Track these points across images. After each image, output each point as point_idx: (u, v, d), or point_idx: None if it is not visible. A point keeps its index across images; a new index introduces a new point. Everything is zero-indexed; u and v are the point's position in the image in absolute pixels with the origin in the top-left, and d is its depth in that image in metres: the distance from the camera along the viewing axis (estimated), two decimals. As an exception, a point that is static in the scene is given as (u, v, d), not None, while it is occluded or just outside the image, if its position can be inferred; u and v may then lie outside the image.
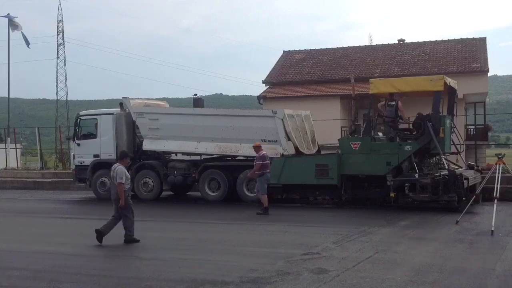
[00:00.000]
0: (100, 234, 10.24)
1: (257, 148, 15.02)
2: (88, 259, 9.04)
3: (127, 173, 10.49)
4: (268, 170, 14.92)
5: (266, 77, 30.08)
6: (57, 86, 61.97)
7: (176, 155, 19.15)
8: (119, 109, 19.09)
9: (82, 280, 7.50)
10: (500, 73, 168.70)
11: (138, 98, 19.51)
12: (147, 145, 18.50)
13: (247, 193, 17.08)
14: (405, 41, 32.32)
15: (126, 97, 18.83)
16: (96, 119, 19.39)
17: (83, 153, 19.25)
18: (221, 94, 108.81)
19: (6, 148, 29.68)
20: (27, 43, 36.77)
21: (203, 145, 17.67)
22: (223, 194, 17.34)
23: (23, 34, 36.34)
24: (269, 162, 15.03)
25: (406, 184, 14.55)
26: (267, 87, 29.68)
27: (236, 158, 18.32)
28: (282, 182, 16.44)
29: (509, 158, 19.63)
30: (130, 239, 10.28)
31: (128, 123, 18.90)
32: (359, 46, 32.60)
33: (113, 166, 10.67)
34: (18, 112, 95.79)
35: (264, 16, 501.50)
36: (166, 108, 19.82)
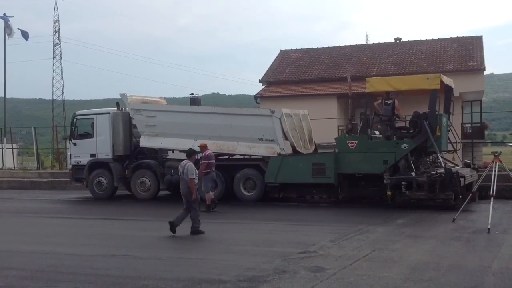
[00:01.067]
0: (172, 226, 11.02)
1: (203, 148, 15.48)
2: (85, 259, 9.02)
3: (195, 169, 11.27)
4: (213, 169, 15.36)
5: (263, 76, 30.06)
6: (53, 86, 61.90)
7: (173, 152, 19.08)
8: (116, 108, 19.06)
9: (79, 279, 7.49)
10: (496, 71, 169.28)
11: (136, 95, 19.44)
12: (144, 142, 18.47)
13: (244, 192, 17.08)
14: (401, 40, 32.35)
15: (124, 94, 18.75)
16: (92, 118, 19.34)
17: (79, 153, 19.20)
18: (218, 93, 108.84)
19: (2, 148, 29.57)
20: (26, 37, 36.64)
21: (200, 143, 17.63)
22: (220, 193, 17.29)
23: (20, 29, 36.28)
24: (214, 161, 15.47)
25: (403, 183, 14.58)
26: (264, 86, 29.66)
27: (233, 157, 18.31)
28: (279, 181, 16.47)
29: (505, 156, 19.69)
30: (196, 231, 11.08)
31: (125, 123, 18.87)
32: (356, 45, 32.62)
33: (182, 162, 11.49)
34: (14, 112, 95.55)
35: (261, 16, 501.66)
36: (163, 105, 19.74)
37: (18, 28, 35.94)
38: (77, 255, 9.34)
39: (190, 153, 11.77)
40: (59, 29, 61.66)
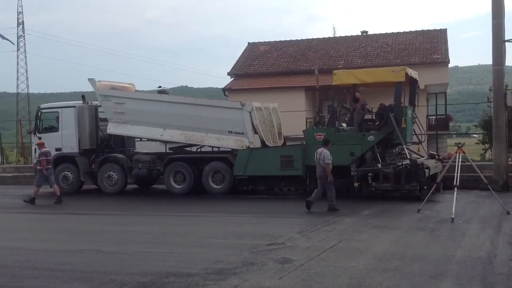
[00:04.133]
0: (308, 204, 12.95)
1: (40, 145, 16.30)
2: (50, 254, 8.90)
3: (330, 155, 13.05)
4: (51, 166, 16.30)
5: (231, 69, 30.05)
6: (17, 79, 60.68)
7: (141, 139, 18.80)
8: (81, 101, 18.75)
9: (44, 275, 7.38)
10: (461, 64, 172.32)
11: (104, 80, 19.05)
12: (112, 129, 18.21)
13: (212, 185, 17.03)
14: (368, 33, 32.71)
15: (92, 79, 18.35)
16: (57, 112, 18.99)
17: (44, 147, 18.84)
18: (186, 86, 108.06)
19: (-36, 143, 28.88)
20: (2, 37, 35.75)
21: (168, 132, 17.51)
22: (188, 186, 17.26)
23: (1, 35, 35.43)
24: (51, 158, 16.43)
25: (369, 174, 14.76)
26: (232, 79, 29.65)
27: (201, 150, 18.26)
28: (248, 174, 16.49)
29: (469, 147, 20.16)
30: (332, 208, 12.81)
31: (91, 116, 18.58)
32: (323, 38, 32.87)
33: (318, 150, 13.28)
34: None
35: (230, 9, 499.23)
36: (132, 93, 19.34)
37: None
38: (43, 250, 9.20)
39: (326, 141, 13.60)
40: (23, 21, 60.52)
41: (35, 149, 19.41)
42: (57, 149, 18.55)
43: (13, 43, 35.47)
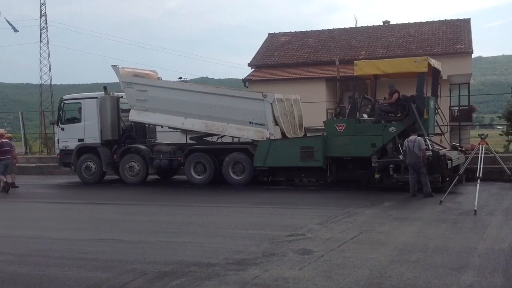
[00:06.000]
0: (415, 195, 13.43)
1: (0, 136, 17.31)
2: (72, 243, 9.02)
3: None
4: (9, 156, 17.17)
5: (252, 60, 29.96)
6: (40, 71, 61.21)
7: (162, 127, 18.90)
8: (103, 92, 18.91)
9: (67, 263, 7.49)
10: (484, 54, 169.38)
11: (128, 67, 19.13)
12: (134, 116, 18.31)
13: (233, 176, 17.07)
14: (390, 23, 32.32)
15: (115, 65, 18.48)
16: (80, 103, 19.21)
17: (67, 138, 19.09)
18: (207, 77, 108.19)
19: (-11, 134, 29.30)
20: (14, 29, 35.95)
21: (190, 121, 17.56)
22: (208, 177, 17.32)
23: (7, 20, 35.68)
24: (8, 149, 17.22)
25: (391, 166, 14.66)
26: (253, 70, 29.58)
27: (222, 141, 18.29)
28: (268, 165, 16.50)
29: (493, 139, 19.85)
30: (429, 194, 13.28)
31: (113, 107, 18.73)
32: (345, 28, 32.56)
33: (410, 138, 13.65)
34: (1, 97, 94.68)
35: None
36: (155, 80, 19.30)
37: (5, 18, 35.32)
38: (65, 240, 9.33)
39: (414, 129, 14.29)
40: (45, 12, 60.75)
41: (57, 139, 19.71)
42: (79, 140, 18.83)
43: (16, 30, 35.38)
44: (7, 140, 17.57)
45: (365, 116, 16.44)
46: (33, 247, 8.66)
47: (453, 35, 28.14)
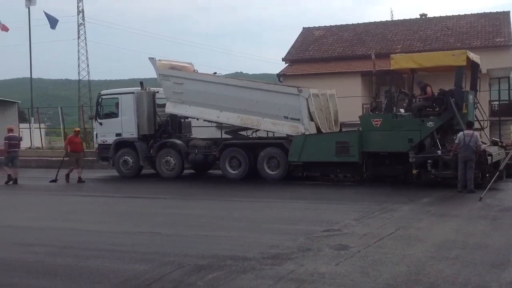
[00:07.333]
0: (471, 191, 12.97)
1: (9, 130, 18.46)
2: (110, 235, 9.18)
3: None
4: (16, 149, 18.28)
5: (286, 55, 29.89)
6: (78, 66, 62.54)
7: (197, 120, 19.08)
8: (140, 88, 19.15)
9: (105, 255, 7.62)
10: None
11: (164, 59, 19.31)
12: (170, 109, 18.50)
13: (268, 170, 17.07)
14: (427, 16, 31.78)
15: (153, 58, 18.72)
16: (117, 98, 19.50)
17: (105, 132, 19.42)
18: (241, 72, 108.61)
19: (30, 128, 30.08)
20: (53, 23, 36.04)
21: (225, 114, 17.64)
22: (243, 172, 17.37)
23: (47, 14, 36.04)
24: (16, 142, 18.37)
25: (429, 161, 14.44)
26: (287, 64, 29.50)
27: (256, 136, 18.31)
28: (303, 160, 16.44)
29: (534, 134, 19.36)
30: (471, 189, 13.01)
31: (149, 102, 18.96)
32: (380, 21, 32.16)
33: (465, 133, 13.44)
34: (41, 93, 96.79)
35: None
36: (191, 73, 19.37)
37: (46, 14, 35.64)
38: (104, 232, 9.51)
39: (471, 123, 14.10)
40: (83, 9, 62.10)
41: (96, 134, 20.08)
42: (117, 134, 19.12)
43: (54, 26, 35.39)
44: (16, 134, 18.85)
45: (402, 110, 16.19)
46: (73, 239, 8.84)
47: (493, 28, 27.48)
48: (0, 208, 13.67)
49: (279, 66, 30.51)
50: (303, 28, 32.68)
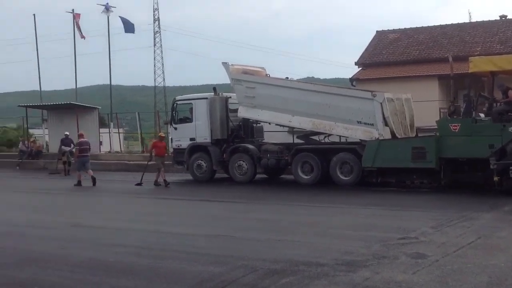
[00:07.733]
0: None
1: (80, 136, 19.95)
2: (186, 238, 9.39)
3: None
4: (87, 154, 19.49)
5: (359, 59, 29.46)
6: (154, 73, 64.59)
7: (269, 124, 19.15)
8: (213, 93, 19.48)
9: (182, 257, 7.80)
10: None
11: (237, 64, 19.58)
12: (242, 113, 18.70)
13: (340, 176, 16.85)
14: (507, 17, 30.42)
15: (226, 63, 19.02)
16: (191, 103, 19.92)
17: (180, 137, 19.89)
18: (313, 77, 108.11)
19: (110, 133, 31.31)
20: (128, 27, 37.13)
21: (297, 119, 17.63)
22: (316, 177, 17.25)
23: (122, 19, 37.16)
24: (87, 147, 19.46)
25: (511, 168, 13.79)
26: (360, 68, 29.09)
27: (329, 141, 18.16)
28: (377, 165, 16.12)
29: None
30: None
31: (222, 107, 19.24)
32: (458, 23, 31.08)
33: None
34: (120, 99, 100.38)
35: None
36: (263, 78, 19.55)
37: (122, 19, 36.90)
38: (179, 234, 9.74)
39: None
40: (158, 17, 64.07)
41: (171, 138, 20.61)
42: (191, 139, 19.53)
43: (128, 31, 36.63)
44: (86, 140, 19.81)
45: (482, 115, 15.56)
46: (151, 241, 9.12)
47: None
48: (84, 209, 14.33)
49: (352, 70, 30.16)
50: (377, 31, 32.10)
